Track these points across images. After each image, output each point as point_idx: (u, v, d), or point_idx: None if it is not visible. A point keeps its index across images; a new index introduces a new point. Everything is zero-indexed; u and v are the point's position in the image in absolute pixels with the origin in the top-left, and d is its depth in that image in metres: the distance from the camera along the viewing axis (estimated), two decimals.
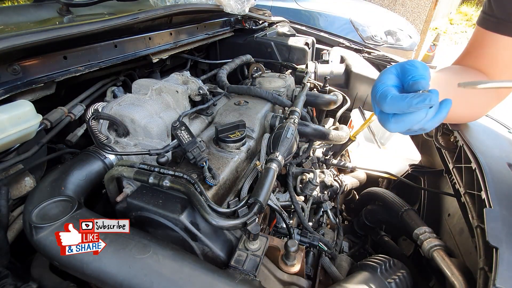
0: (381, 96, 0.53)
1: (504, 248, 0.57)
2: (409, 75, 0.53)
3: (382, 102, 0.53)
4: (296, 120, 0.97)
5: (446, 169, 1.05)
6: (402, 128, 0.54)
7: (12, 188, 0.73)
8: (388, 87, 0.54)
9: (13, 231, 0.70)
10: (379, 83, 0.56)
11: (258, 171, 0.84)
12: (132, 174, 0.68)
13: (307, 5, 4.16)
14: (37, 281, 0.61)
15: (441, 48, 6.71)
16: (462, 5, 11.89)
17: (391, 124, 0.55)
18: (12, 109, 0.64)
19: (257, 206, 0.64)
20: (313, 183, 1.04)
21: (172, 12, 1.10)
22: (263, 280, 0.64)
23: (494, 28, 0.73)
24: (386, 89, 0.54)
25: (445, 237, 0.96)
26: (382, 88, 0.54)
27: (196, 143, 0.75)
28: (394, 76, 0.56)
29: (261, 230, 0.77)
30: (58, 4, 1.14)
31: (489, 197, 0.68)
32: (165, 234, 0.67)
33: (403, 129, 0.54)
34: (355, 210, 1.44)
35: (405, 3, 6.12)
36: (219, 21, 1.63)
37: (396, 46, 4.21)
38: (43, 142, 0.77)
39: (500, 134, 1.03)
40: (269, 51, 1.69)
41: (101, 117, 0.80)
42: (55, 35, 0.74)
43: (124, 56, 1.03)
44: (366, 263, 0.75)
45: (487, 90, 0.74)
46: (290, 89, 1.29)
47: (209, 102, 1.02)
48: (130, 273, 0.52)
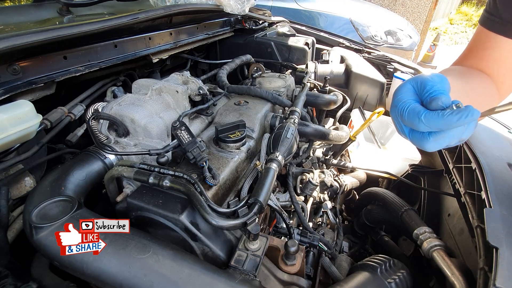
0: (411, 115, 0.50)
1: (504, 248, 0.57)
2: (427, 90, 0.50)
3: (414, 122, 0.50)
4: (296, 120, 0.97)
5: (446, 169, 1.05)
6: (442, 145, 0.51)
7: (12, 188, 0.73)
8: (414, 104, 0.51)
9: (13, 231, 0.70)
10: (400, 102, 0.53)
11: (258, 171, 0.84)
12: (132, 174, 0.68)
13: (307, 5, 4.16)
14: (37, 281, 0.61)
15: (441, 48, 6.72)
16: (462, 5, 11.89)
17: (429, 143, 0.51)
18: (12, 109, 0.64)
19: (257, 206, 0.64)
20: (313, 183, 1.04)
21: (172, 12, 1.10)
22: (263, 280, 0.64)
23: (499, 30, 0.70)
24: (413, 107, 0.51)
25: (445, 237, 0.96)
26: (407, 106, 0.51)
27: (196, 143, 0.75)
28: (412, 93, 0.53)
29: (261, 230, 0.77)
30: (58, 4, 1.14)
31: (489, 197, 0.68)
32: (165, 234, 0.67)
33: (443, 146, 0.52)
34: (355, 210, 1.44)
35: (405, 3, 6.12)
36: (219, 21, 1.63)
37: (396, 46, 4.21)
38: (43, 142, 0.77)
39: (500, 134, 1.03)
40: (269, 51, 1.69)
41: (101, 117, 0.80)
42: (55, 35, 0.74)
43: (124, 56, 1.03)
44: (366, 263, 0.75)
45: (489, 91, 0.73)
46: (290, 89, 1.29)
47: (209, 102, 1.02)
48: (130, 273, 0.52)
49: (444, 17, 10.48)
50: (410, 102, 0.52)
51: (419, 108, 0.50)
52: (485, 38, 0.74)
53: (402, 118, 0.53)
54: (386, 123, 1.64)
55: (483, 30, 0.75)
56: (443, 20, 10.23)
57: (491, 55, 0.74)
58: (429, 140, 0.51)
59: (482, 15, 0.75)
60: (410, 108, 0.51)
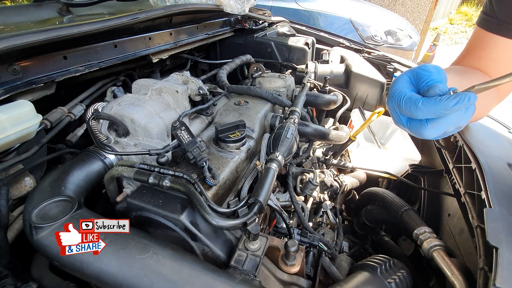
0: (408, 104, 0.51)
1: (504, 248, 0.57)
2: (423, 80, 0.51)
3: (413, 109, 0.50)
4: (296, 120, 0.97)
5: (446, 169, 1.05)
6: (440, 132, 0.52)
7: (12, 188, 0.73)
8: (410, 92, 0.52)
9: (13, 231, 0.70)
10: (396, 92, 0.53)
11: (258, 171, 0.84)
12: (132, 174, 0.68)
13: (307, 5, 4.16)
14: (37, 281, 0.61)
15: (441, 48, 6.72)
16: (462, 5, 11.90)
17: (427, 130, 0.52)
18: (12, 109, 0.64)
19: (257, 206, 0.64)
20: (313, 183, 1.04)
21: (172, 12, 1.10)
22: (263, 280, 0.64)
23: (495, 30, 0.72)
24: (410, 96, 0.51)
25: (445, 237, 0.96)
26: (403, 95, 0.52)
27: (196, 143, 0.75)
28: (408, 83, 0.54)
29: (261, 230, 0.77)
30: (58, 4, 1.14)
31: (489, 197, 0.68)
32: (165, 234, 0.67)
33: (441, 132, 0.52)
34: (355, 210, 1.44)
35: (405, 3, 6.11)
36: (219, 21, 1.63)
37: (396, 46, 4.21)
38: (43, 142, 0.77)
39: (500, 134, 1.03)
40: (269, 51, 1.69)
41: (101, 117, 0.80)
42: (55, 35, 0.74)
43: (124, 56, 1.03)
44: (366, 263, 0.75)
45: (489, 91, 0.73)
46: (290, 89, 1.29)
47: (209, 102, 1.02)
48: (130, 273, 0.52)
49: (444, 17, 10.48)
50: (406, 91, 0.53)
51: (416, 96, 0.51)
52: (483, 38, 0.76)
53: (399, 108, 0.53)
54: (386, 123, 1.64)
55: (480, 31, 0.76)
56: (443, 20, 10.23)
57: (488, 54, 0.76)
58: (427, 127, 0.52)
59: (479, 16, 0.77)
60: (407, 96, 0.52)
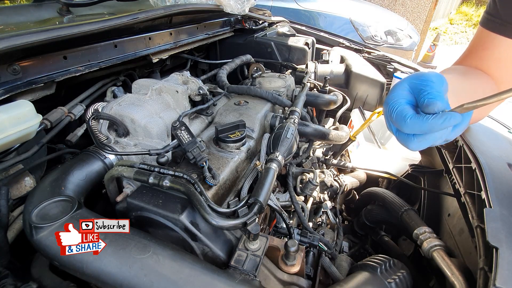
0: (398, 117, 0.51)
1: (504, 248, 0.57)
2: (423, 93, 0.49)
3: (401, 124, 0.51)
4: (296, 120, 0.97)
5: (446, 169, 1.05)
6: (425, 146, 0.52)
7: (12, 188, 0.73)
8: (403, 106, 0.51)
9: (13, 231, 0.70)
10: (392, 101, 0.52)
11: (258, 171, 0.84)
12: (132, 174, 0.68)
13: (307, 5, 4.16)
14: (37, 281, 0.61)
15: (441, 48, 6.72)
16: (462, 5, 11.89)
17: (413, 143, 0.52)
18: (12, 109, 0.64)
19: (257, 206, 0.64)
20: (313, 183, 1.04)
21: (172, 12, 1.10)
22: (263, 280, 0.64)
23: (499, 30, 0.71)
24: (401, 109, 0.51)
25: (445, 237, 0.96)
26: (397, 107, 0.51)
27: (196, 143, 0.75)
28: (407, 92, 0.53)
29: (261, 230, 0.77)
30: (58, 4, 1.14)
31: (489, 197, 0.68)
32: (165, 234, 0.67)
33: (426, 146, 0.52)
34: (355, 210, 1.44)
35: (405, 3, 6.11)
36: (219, 21, 1.63)
37: (396, 46, 4.21)
38: (43, 142, 0.77)
39: (500, 134, 1.03)
40: (269, 51, 1.69)
41: (101, 117, 0.80)
42: (55, 35, 0.74)
43: (124, 56, 1.03)
44: (366, 263, 0.75)
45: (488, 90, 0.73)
46: (290, 89, 1.29)
47: (209, 102, 1.02)
48: (130, 273, 0.52)
49: (444, 17, 10.48)
50: (401, 102, 0.52)
51: (407, 110, 0.51)
52: (486, 38, 0.75)
53: (390, 118, 0.53)
54: None
55: (483, 31, 0.76)
56: (443, 20, 10.23)
57: (491, 55, 0.75)
58: (414, 141, 0.53)
59: (482, 16, 0.77)
60: (399, 110, 0.51)
